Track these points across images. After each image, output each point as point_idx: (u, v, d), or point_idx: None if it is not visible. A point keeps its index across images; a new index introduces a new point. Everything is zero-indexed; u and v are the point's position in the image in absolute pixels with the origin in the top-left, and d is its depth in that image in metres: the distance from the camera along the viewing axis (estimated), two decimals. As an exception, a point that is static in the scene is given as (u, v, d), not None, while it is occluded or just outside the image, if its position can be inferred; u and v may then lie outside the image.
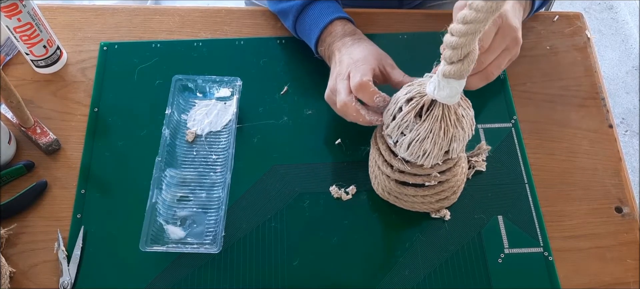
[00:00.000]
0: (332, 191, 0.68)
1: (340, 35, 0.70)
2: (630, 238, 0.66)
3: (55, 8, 0.83)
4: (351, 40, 0.69)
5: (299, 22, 0.74)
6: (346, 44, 0.68)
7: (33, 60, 0.75)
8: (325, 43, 0.71)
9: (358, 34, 0.71)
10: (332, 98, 0.66)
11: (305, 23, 0.73)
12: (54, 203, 0.68)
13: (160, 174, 0.67)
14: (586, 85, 0.77)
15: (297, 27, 0.75)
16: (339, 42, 0.69)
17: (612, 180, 0.70)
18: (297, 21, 0.74)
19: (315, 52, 0.74)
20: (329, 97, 0.67)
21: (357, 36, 0.70)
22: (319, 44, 0.72)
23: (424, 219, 0.67)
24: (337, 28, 0.71)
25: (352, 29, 0.71)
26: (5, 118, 0.73)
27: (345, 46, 0.68)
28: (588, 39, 0.81)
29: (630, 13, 1.88)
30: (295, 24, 0.75)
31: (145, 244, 0.62)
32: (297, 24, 0.75)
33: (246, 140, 0.72)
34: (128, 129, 0.73)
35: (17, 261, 0.64)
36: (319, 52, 0.74)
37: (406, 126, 0.57)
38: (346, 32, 0.70)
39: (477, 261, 0.65)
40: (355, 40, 0.69)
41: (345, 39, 0.69)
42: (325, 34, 0.71)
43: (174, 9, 0.83)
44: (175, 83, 0.73)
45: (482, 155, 0.70)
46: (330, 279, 0.64)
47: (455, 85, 0.51)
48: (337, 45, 0.69)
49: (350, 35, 0.70)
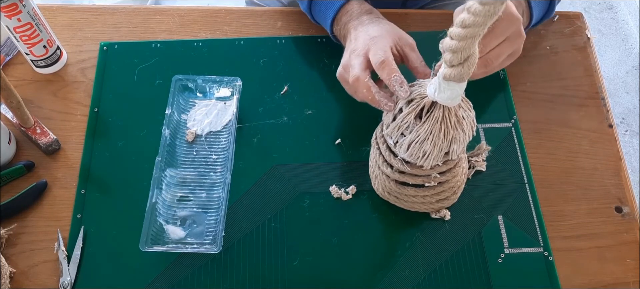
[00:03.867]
0: (332, 191, 0.68)
1: (356, 14, 0.69)
2: (630, 238, 0.66)
3: (55, 8, 0.83)
4: (368, 18, 0.68)
5: (314, 2, 0.73)
6: (363, 22, 0.67)
7: (33, 60, 0.75)
8: (341, 22, 0.70)
9: (375, 13, 0.69)
10: (343, 76, 0.65)
11: (321, 3, 0.72)
12: (54, 203, 0.68)
13: (160, 174, 0.67)
14: (586, 85, 0.77)
15: (313, 8, 0.74)
16: (355, 20, 0.68)
17: (612, 180, 0.70)
18: (313, 1, 0.73)
19: (330, 33, 0.73)
20: (341, 75, 0.66)
21: (374, 15, 0.69)
22: (335, 23, 0.71)
23: (424, 219, 0.67)
24: (353, 7, 0.69)
25: (369, 8, 0.70)
26: (5, 118, 0.73)
27: (361, 24, 0.67)
28: (588, 38, 0.81)
29: (630, 13, 1.88)
30: (310, 4, 0.74)
31: (145, 244, 0.62)
32: (312, 5, 0.74)
33: (246, 140, 0.72)
34: (128, 129, 0.73)
35: (17, 261, 0.64)
36: (334, 32, 0.73)
37: (406, 127, 0.57)
38: (363, 10, 0.69)
39: (477, 261, 0.65)
40: (373, 19, 0.67)
41: (363, 17, 0.68)
42: (341, 13, 0.70)
43: (174, 9, 0.83)
44: (175, 83, 0.73)
45: (482, 155, 0.70)
46: (330, 279, 0.64)
47: (456, 87, 0.51)
48: (353, 24, 0.68)
49: (368, 14, 0.68)
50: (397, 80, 0.58)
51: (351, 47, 0.65)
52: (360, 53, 0.63)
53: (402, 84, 0.58)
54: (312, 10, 0.74)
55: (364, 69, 0.62)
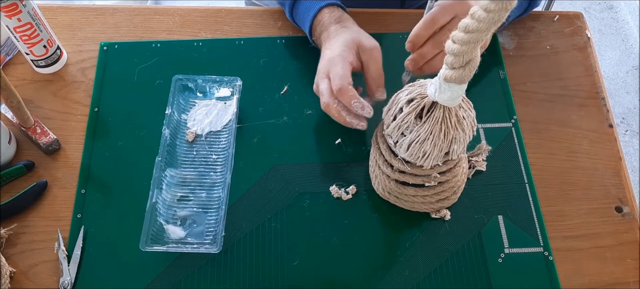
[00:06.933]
0: (332, 191, 0.68)
1: (327, 24, 0.69)
2: (630, 238, 0.66)
3: (55, 8, 0.83)
4: (335, 28, 0.68)
5: (294, 13, 0.74)
6: (331, 34, 0.68)
7: (33, 60, 0.75)
8: (316, 33, 0.71)
9: (344, 20, 0.70)
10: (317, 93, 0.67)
11: (299, 13, 0.73)
12: (54, 203, 0.68)
13: (160, 174, 0.67)
14: (586, 85, 0.77)
15: (295, 18, 0.75)
16: (325, 32, 0.69)
17: (612, 180, 0.70)
18: (293, 12, 0.74)
19: (312, 43, 0.74)
20: (315, 90, 0.67)
21: (342, 23, 0.69)
22: (312, 35, 0.72)
23: (424, 219, 0.67)
24: (324, 16, 0.70)
25: (338, 15, 0.70)
26: (5, 118, 0.73)
27: (329, 37, 0.68)
28: (588, 38, 0.81)
29: (630, 13, 1.88)
30: (292, 15, 0.75)
31: (145, 244, 0.62)
32: (294, 15, 0.75)
33: (246, 140, 0.72)
34: (128, 129, 0.73)
35: (17, 261, 0.64)
36: (314, 42, 0.74)
37: (406, 127, 0.57)
38: (332, 20, 0.69)
39: (477, 261, 0.65)
40: (339, 29, 0.68)
41: (331, 28, 0.69)
42: (315, 23, 0.71)
43: (174, 9, 0.83)
44: (175, 83, 0.73)
45: (482, 155, 0.70)
46: (330, 279, 0.64)
47: (457, 88, 0.51)
48: (324, 36, 0.69)
49: (336, 23, 0.69)
50: (357, 106, 0.61)
51: (319, 66, 0.66)
52: (324, 74, 0.64)
53: (364, 108, 0.61)
54: (294, 19, 0.76)
55: (331, 94, 0.63)
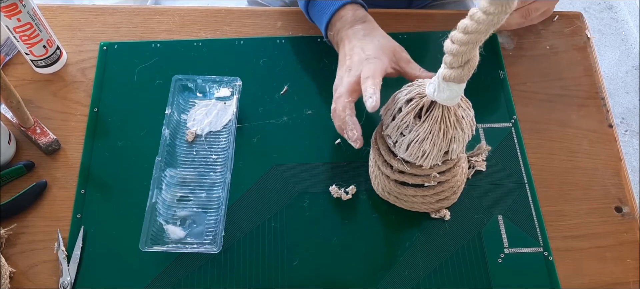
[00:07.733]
0: (332, 191, 0.68)
1: (350, 22, 0.68)
2: (630, 238, 0.66)
3: (55, 8, 0.83)
4: (362, 29, 0.67)
5: (311, 5, 0.73)
6: (357, 33, 0.67)
7: (33, 60, 0.75)
8: (335, 28, 0.70)
9: (369, 21, 0.69)
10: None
11: (317, 5, 0.72)
12: (54, 203, 0.68)
13: (160, 174, 0.67)
14: (586, 85, 0.77)
15: (310, 8, 0.74)
16: (349, 29, 0.68)
17: (612, 180, 0.70)
18: (310, 4, 0.73)
19: (325, 36, 0.73)
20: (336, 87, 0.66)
21: (368, 25, 0.68)
22: (329, 28, 0.71)
23: (424, 219, 0.67)
24: (347, 13, 0.69)
25: (363, 15, 0.69)
26: (5, 118, 0.73)
27: (356, 36, 0.67)
28: (588, 38, 0.81)
29: (630, 13, 1.88)
30: (307, 5, 0.74)
31: (145, 244, 0.62)
32: (309, 6, 0.73)
33: (246, 140, 0.72)
34: (128, 129, 0.73)
35: (17, 261, 0.65)
36: (328, 36, 0.72)
37: (405, 127, 0.57)
38: (357, 18, 0.68)
39: (477, 261, 0.65)
40: (367, 31, 0.67)
41: (356, 26, 0.68)
42: (335, 18, 0.70)
43: (174, 9, 0.83)
44: (175, 83, 0.73)
45: (482, 155, 0.70)
46: (330, 279, 0.64)
47: (456, 88, 0.51)
48: (347, 33, 0.68)
49: (361, 22, 0.68)
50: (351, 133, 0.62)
51: (346, 64, 0.65)
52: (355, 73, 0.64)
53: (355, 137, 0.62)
54: (309, 10, 0.74)
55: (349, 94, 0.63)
